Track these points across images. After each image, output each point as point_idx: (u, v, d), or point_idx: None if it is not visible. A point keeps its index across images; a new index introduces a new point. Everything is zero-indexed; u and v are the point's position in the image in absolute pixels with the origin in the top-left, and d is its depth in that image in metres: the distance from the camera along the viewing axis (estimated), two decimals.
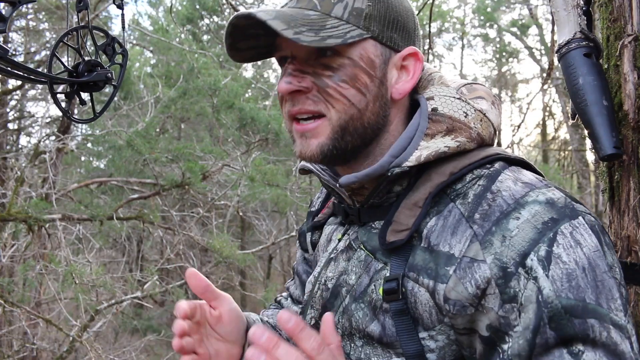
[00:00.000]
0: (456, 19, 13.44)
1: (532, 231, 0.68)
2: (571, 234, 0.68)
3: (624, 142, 0.89)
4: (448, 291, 0.70)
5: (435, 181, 0.76)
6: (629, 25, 0.90)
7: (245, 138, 8.55)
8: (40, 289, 6.16)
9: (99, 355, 5.15)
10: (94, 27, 1.46)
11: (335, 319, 0.82)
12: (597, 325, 0.65)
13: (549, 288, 0.65)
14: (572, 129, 7.90)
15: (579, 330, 0.64)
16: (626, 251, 0.90)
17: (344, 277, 0.83)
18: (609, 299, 0.66)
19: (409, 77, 0.81)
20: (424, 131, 0.79)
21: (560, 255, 0.66)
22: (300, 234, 1.08)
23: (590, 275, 0.66)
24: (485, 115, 0.81)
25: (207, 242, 6.97)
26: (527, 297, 0.66)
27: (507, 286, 0.66)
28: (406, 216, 0.76)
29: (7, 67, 1.22)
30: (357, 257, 0.83)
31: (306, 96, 0.78)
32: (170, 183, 6.36)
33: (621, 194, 0.91)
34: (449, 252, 0.71)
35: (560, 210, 0.70)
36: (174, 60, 8.24)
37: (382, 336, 0.76)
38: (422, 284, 0.72)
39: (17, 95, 7.66)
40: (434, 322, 0.72)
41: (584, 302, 0.65)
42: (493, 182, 0.74)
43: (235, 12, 0.79)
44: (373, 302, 0.77)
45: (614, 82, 0.92)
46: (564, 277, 0.66)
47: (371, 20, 0.78)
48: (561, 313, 0.65)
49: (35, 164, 6.17)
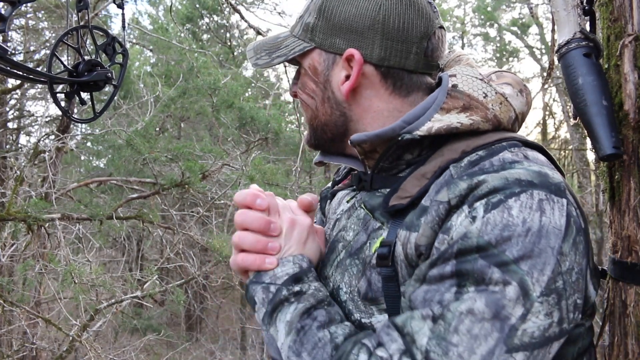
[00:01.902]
0: (456, 18, 13.44)
1: (500, 181, 0.67)
2: (540, 200, 0.65)
3: (624, 142, 0.89)
4: (419, 238, 0.71)
5: (446, 157, 0.77)
6: (629, 25, 0.90)
7: (245, 137, 8.55)
8: (40, 288, 6.16)
9: (99, 355, 5.15)
10: (94, 26, 1.46)
11: (329, 272, 0.85)
12: (499, 273, 0.62)
13: (476, 227, 0.64)
14: (572, 128, 7.90)
15: (478, 268, 0.63)
16: (627, 251, 0.90)
17: (342, 232, 0.87)
18: (534, 267, 0.62)
19: (350, 78, 0.83)
20: (440, 105, 0.80)
21: (512, 208, 0.65)
22: (322, 198, 1.11)
23: (529, 239, 0.63)
24: (507, 99, 0.81)
25: (207, 242, 6.97)
26: (457, 231, 0.66)
27: (449, 218, 0.68)
28: (412, 185, 0.78)
29: (7, 66, 1.21)
30: (357, 215, 0.86)
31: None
32: (169, 182, 6.35)
33: (621, 194, 0.91)
34: (424, 205, 0.74)
35: (547, 183, 0.67)
36: (174, 60, 8.23)
37: (367, 292, 0.77)
38: (399, 238, 0.75)
39: (16, 94, 7.65)
40: (405, 276, 0.74)
41: (503, 253, 0.63)
42: (492, 155, 0.74)
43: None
44: (365, 259, 0.80)
45: (615, 82, 0.92)
46: (498, 224, 0.64)
47: (315, 31, 0.85)
48: (472, 249, 0.64)
49: (35, 163, 6.17)
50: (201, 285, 8.76)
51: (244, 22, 4.33)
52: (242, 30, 12.23)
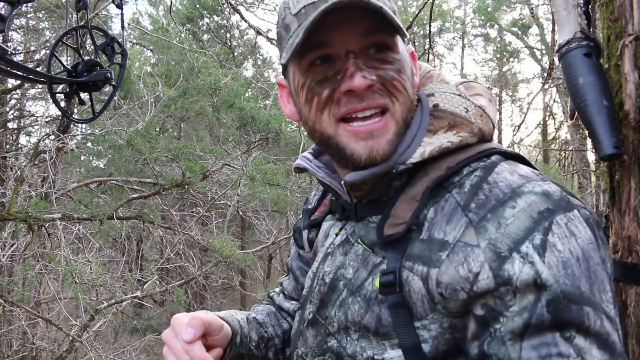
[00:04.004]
0: (456, 19, 13.45)
1: (528, 220, 0.68)
2: (566, 224, 0.68)
3: (624, 142, 0.88)
4: (440, 275, 0.70)
5: (432, 175, 0.76)
6: (629, 25, 0.89)
7: (245, 137, 8.55)
8: (40, 288, 6.16)
9: (99, 355, 5.15)
10: (93, 26, 1.46)
11: (332, 312, 0.83)
12: (592, 313, 0.65)
13: (547, 272, 0.65)
14: (572, 129, 7.89)
15: (575, 316, 0.65)
16: (627, 251, 0.90)
17: (341, 271, 0.84)
18: (601, 290, 0.67)
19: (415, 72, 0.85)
20: (427, 127, 0.79)
21: (556, 244, 0.67)
22: (295, 230, 1.08)
23: (584, 266, 0.67)
24: (485, 111, 0.82)
25: (207, 242, 6.98)
26: (523, 280, 0.65)
27: (502, 269, 0.66)
28: (404, 210, 0.76)
29: (7, 66, 1.21)
30: (355, 251, 0.83)
31: (373, 90, 0.76)
32: (170, 182, 6.36)
33: (622, 194, 0.91)
34: (443, 239, 0.71)
35: (556, 202, 0.70)
36: (174, 60, 8.23)
37: (378, 327, 0.76)
38: (416, 272, 0.73)
39: (16, 94, 7.65)
40: (427, 310, 0.72)
41: (580, 289, 0.65)
42: (489, 174, 0.74)
43: None
44: (368, 295, 0.77)
45: (615, 82, 0.92)
46: (559, 264, 0.66)
47: (398, 18, 0.78)
48: (560, 297, 0.65)
49: (35, 163, 6.17)
50: (201, 285, 8.76)
51: (244, 22, 4.33)
52: (242, 31, 12.26)
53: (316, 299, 0.87)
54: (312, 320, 0.86)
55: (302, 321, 0.90)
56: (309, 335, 0.87)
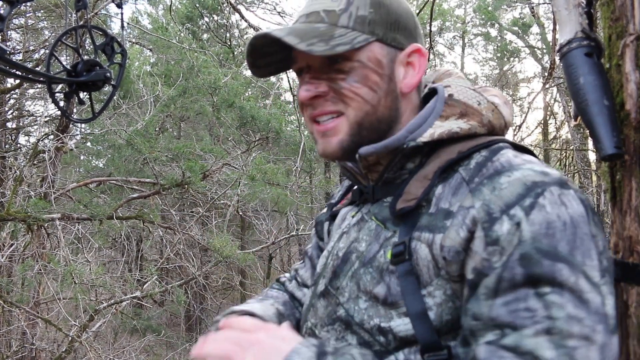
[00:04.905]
0: (457, 18, 13.45)
1: (521, 187, 0.72)
2: (559, 195, 0.71)
3: (625, 142, 0.88)
4: (444, 239, 0.75)
5: (444, 158, 0.82)
6: (630, 24, 0.89)
7: (245, 137, 8.56)
8: (39, 288, 6.15)
9: (98, 355, 5.15)
10: (93, 26, 1.46)
11: (343, 282, 0.87)
12: (567, 270, 0.67)
13: (527, 229, 0.69)
14: (573, 129, 7.90)
15: (547, 270, 0.67)
16: (628, 252, 0.90)
17: (354, 244, 0.89)
18: (585, 256, 0.68)
19: (415, 72, 0.89)
20: (440, 113, 0.86)
21: (544, 206, 0.70)
22: (317, 222, 1.14)
23: (569, 231, 0.69)
24: (497, 107, 0.88)
25: (207, 242, 6.98)
26: (507, 240, 0.69)
27: (491, 229, 0.70)
28: (416, 187, 0.82)
29: (6, 66, 1.21)
30: (368, 227, 0.89)
31: (324, 99, 0.86)
32: (170, 182, 6.35)
33: (623, 194, 0.90)
34: (448, 209, 0.77)
35: (552, 178, 0.73)
36: (174, 59, 8.22)
37: (387, 296, 0.79)
38: (423, 240, 0.78)
39: (15, 94, 7.65)
40: (432, 276, 0.76)
41: (556, 249, 0.68)
42: (495, 155, 0.79)
43: (254, 33, 0.90)
44: (380, 266, 0.82)
45: (616, 81, 0.91)
46: (543, 223, 0.69)
47: (374, 25, 0.86)
48: (532, 252, 0.68)
49: (34, 163, 6.17)
50: (201, 285, 8.76)
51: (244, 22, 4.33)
52: (242, 30, 12.24)
53: (329, 272, 0.91)
54: (324, 291, 0.90)
55: (314, 295, 0.93)
56: (319, 306, 0.90)
